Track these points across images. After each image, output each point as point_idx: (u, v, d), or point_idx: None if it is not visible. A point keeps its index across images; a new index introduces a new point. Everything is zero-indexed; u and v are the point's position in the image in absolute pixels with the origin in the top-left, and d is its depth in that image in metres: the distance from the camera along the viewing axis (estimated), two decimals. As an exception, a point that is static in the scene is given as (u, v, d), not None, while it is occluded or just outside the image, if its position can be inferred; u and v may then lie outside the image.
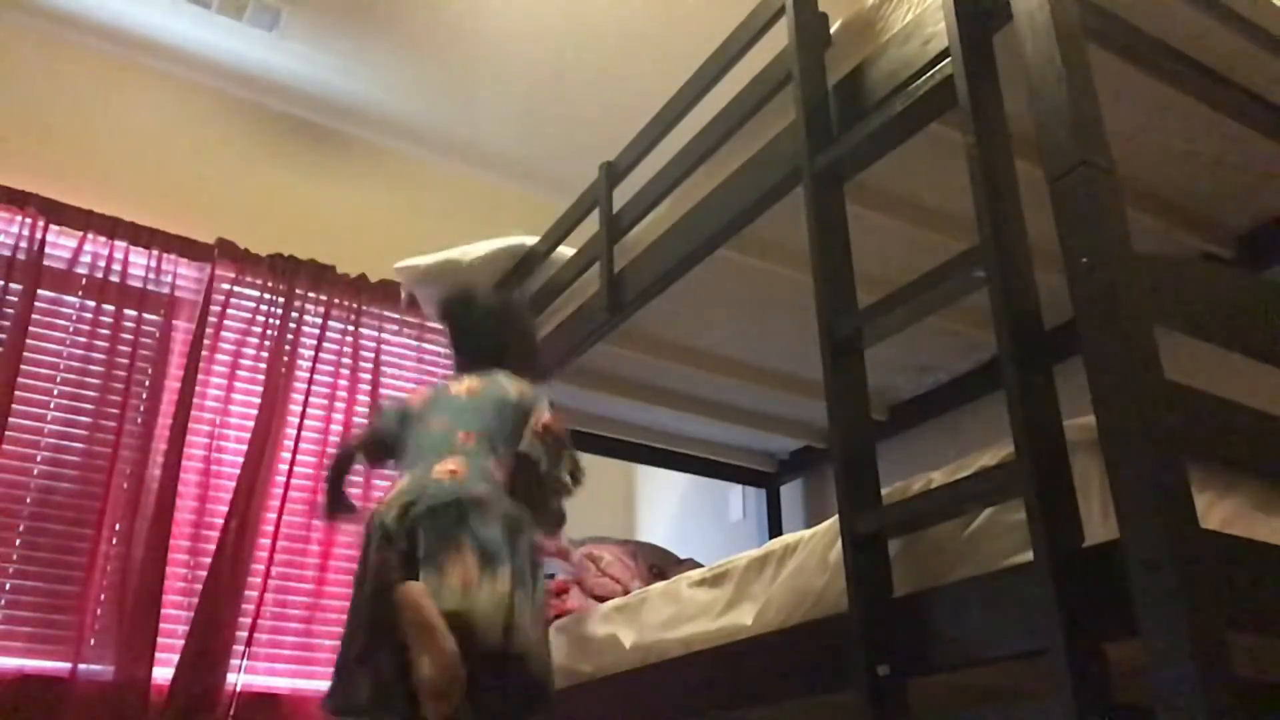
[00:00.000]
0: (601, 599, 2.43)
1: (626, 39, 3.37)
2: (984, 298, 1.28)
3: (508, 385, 1.98)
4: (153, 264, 3.18)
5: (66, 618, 2.75)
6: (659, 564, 2.79)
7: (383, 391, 3.44)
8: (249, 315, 3.29)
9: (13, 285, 2.95)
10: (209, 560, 2.94)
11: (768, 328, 2.48)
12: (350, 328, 3.45)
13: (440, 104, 3.71)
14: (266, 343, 3.27)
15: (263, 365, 3.24)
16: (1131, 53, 1.48)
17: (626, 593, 2.37)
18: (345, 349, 3.42)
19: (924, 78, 1.51)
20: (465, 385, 1.99)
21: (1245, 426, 1.22)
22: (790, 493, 3.27)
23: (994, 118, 1.35)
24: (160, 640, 2.79)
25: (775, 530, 3.16)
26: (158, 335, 3.13)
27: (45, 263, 3.03)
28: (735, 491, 3.41)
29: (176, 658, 2.81)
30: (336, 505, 2.12)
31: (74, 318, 3.04)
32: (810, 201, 1.62)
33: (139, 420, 3.02)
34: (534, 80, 3.57)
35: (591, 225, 2.49)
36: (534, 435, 1.88)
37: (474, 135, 3.86)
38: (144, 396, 3.05)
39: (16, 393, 2.86)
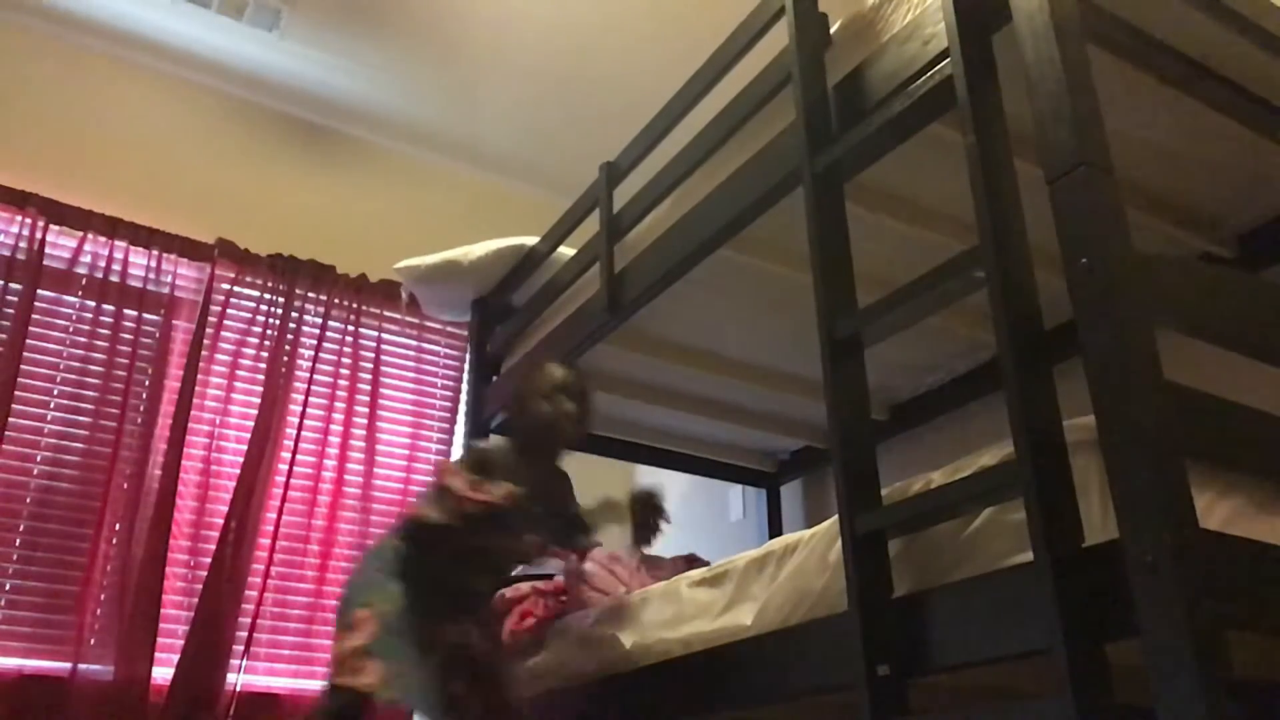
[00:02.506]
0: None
1: (627, 39, 3.37)
2: (984, 298, 1.28)
3: None
4: (153, 264, 3.18)
5: (66, 618, 2.75)
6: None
7: (383, 391, 3.44)
8: (249, 315, 3.29)
9: (13, 285, 2.95)
10: (209, 560, 2.93)
11: (768, 328, 2.48)
12: (350, 328, 3.45)
13: (440, 104, 3.71)
14: (266, 343, 3.27)
15: (263, 365, 3.24)
16: (1131, 53, 1.48)
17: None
18: (345, 349, 3.41)
19: (924, 78, 1.51)
20: None
21: (1245, 426, 1.22)
22: (790, 493, 3.27)
23: (994, 118, 1.35)
24: (160, 640, 2.79)
25: (775, 530, 3.16)
26: (158, 335, 3.13)
27: (45, 263, 3.03)
28: (735, 491, 3.41)
29: (176, 658, 2.81)
30: None
31: (74, 318, 3.04)
32: (810, 202, 1.62)
33: (139, 420, 3.02)
34: (534, 80, 3.57)
35: (592, 225, 2.49)
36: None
37: (474, 135, 3.86)
38: (144, 396, 3.04)
39: (16, 393, 2.86)
